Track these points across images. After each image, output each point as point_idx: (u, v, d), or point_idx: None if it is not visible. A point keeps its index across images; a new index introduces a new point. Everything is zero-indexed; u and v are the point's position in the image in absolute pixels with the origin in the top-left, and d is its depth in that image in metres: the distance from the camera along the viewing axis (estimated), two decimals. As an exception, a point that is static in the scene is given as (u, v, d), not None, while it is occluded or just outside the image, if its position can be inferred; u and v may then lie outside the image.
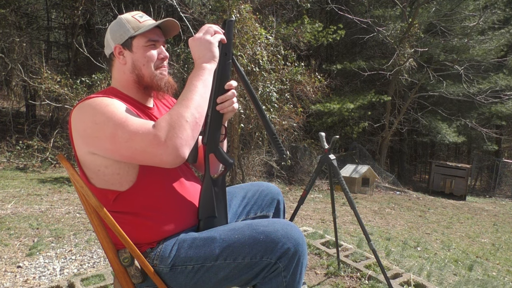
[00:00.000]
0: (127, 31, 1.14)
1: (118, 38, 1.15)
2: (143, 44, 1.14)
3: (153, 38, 1.15)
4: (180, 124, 0.96)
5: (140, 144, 0.96)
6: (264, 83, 6.21)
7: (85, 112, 1.03)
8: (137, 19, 1.15)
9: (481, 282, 2.61)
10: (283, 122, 6.60)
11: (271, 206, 1.43)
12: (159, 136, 0.94)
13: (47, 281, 2.19)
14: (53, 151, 7.06)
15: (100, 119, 1.00)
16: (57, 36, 14.34)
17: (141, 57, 1.14)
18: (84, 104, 1.04)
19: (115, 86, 1.20)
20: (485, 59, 11.56)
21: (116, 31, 1.15)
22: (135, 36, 1.13)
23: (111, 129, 0.98)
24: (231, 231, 1.07)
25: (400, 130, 12.79)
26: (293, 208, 5.27)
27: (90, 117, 1.01)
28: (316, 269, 2.39)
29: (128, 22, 1.15)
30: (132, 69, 1.16)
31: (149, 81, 1.16)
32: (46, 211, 3.85)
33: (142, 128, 0.97)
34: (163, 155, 0.95)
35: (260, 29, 6.07)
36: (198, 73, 1.07)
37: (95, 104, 1.02)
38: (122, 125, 0.98)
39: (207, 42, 1.09)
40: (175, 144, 0.95)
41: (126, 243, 1.04)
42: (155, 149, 0.94)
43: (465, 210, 7.84)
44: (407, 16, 10.67)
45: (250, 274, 1.04)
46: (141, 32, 1.13)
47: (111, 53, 1.17)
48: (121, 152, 0.99)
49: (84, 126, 1.02)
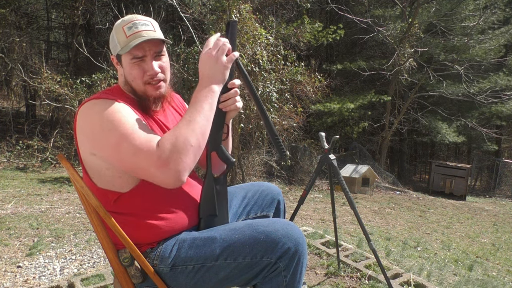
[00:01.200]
0: (116, 47, 1.12)
1: (112, 49, 1.15)
2: (128, 62, 1.10)
3: (137, 55, 1.09)
4: (185, 148, 0.96)
5: (144, 162, 0.96)
6: (264, 83, 6.21)
7: (93, 114, 1.02)
8: (125, 32, 1.09)
9: (481, 282, 2.61)
10: (283, 122, 6.60)
11: (272, 206, 1.43)
12: (163, 159, 0.94)
13: (47, 281, 2.19)
14: (53, 151, 7.06)
15: (107, 126, 0.99)
16: (57, 36, 14.34)
17: (128, 73, 1.12)
18: (93, 104, 1.03)
19: (122, 88, 1.19)
20: (485, 59, 11.57)
21: (111, 42, 1.15)
22: (121, 53, 1.10)
23: (117, 139, 0.98)
24: (232, 231, 1.07)
25: (400, 130, 12.80)
26: (293, 208, 5.27)
27: (97, 120, 1.01)
28: (316, 269, 2.39)
29: (117, 34, 1.11)
30: (125, 82, 1.15)
31: (142, 94, 1.14)
32: (46, 211, 3.85)
33: (147, 145, 0.96)
34: (164, 177, 0.95)
35: (260, 29, 6.07)
36: (207, 94, 1.06)
37: (104, 108, 1.01)
38: (128, 138, 0.97)
39: (222, 65, 1.09)
40: (177, 168, 0.95)
41: (126, 243, 1.04)
42: (157, 170, 0.95)
43: (465, 210, 7.84)
44: (407, 16, 10.67)
45: (251, 274, 1.04)
46: (124, 52, 1.08)
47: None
48: (123, 163, 1.00)
49: (90, 127, 1.02)
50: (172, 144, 0.95)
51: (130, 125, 1.00)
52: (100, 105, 1.03)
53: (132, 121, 1.01)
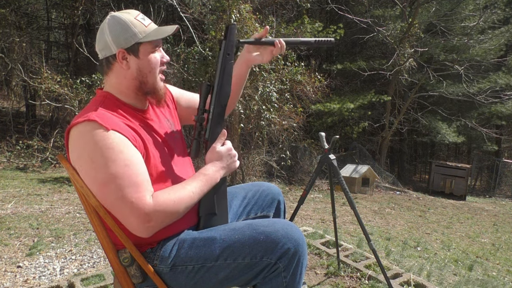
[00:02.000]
0: (134, 36, 1.06)
1: (122, 42, 1.06)
2: (150, 51, 1.09)
3: (159, 44, 1.11)
4: (172, 216, 1.02)
5: (126, 210, 0.96)
6: (264, 83, 6.21)
7: (84, 142, 0.98)
8: (142, 23, 1.08)
9: (481, 282, 2.61)
10: (283, 122, 6.60)
11: (272, 206, 1.43)
12: (149, 216, 0.96)
13: (47, 281, 2.19)
14: (53, 151, 7.06)
15: (98, 160, 0.96)
16: (57, 36, 14.33)
17: (147, 63, 1.09)
18: (85, 129, 0.98)
19: (111, 92, 1.12)
20: (485, 58, 11.57)
21: (120, 34, 1.06)
22: (142, 42, 1.07)
23: (105, 177, 0.96)
24: (232, 231, 1.07)
25: (400, 130, 12.79)
26: (293, 208, 5.27)
27: (87, 151, 0.97)
28: (316, 269, 2.39)
29: (134, 25, 1.06)
30: (136, 75, 1.10)
31: (151, 87, 1.12)
32: (46, 211, 3.85)
33: (136, 196, 0.96)
34: (139, 229, 0.97)
35: (260, 29, 6.07)
36: (211, 182, 1.12)
37: (98, 139, 0.96)
38: (117, 180, 0.95)
39: (232, 169, 1.18)
40: (156, 227, 0.99)
41: (126, 243, 1.04)
42: (137, 222, 0.96)
43: (465, 210, 7.84)
44: (407, 16, 10.67)
45: (250, 274, 1.04)
46: (150, 40, 1.07)
47: (111, 56, 1.08)
48: (104, 201, 1.00)
49: (78, 154, 1.00)
50: (165, 208, 0.99)
51: (121, 166, 0.96)
52: (94, 134, 0.97)
53: (124, 162, 0.97)
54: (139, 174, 0.99)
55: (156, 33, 1.09)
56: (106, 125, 0.98)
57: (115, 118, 1.03)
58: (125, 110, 1.10)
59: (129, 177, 0.96)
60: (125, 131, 1.01)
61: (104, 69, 1.12)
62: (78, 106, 6.64)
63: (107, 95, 1.11)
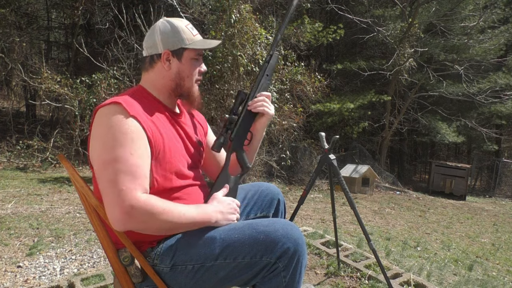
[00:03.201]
0: (181, 41, 1.15)
1: (170, 44, 1.15)
2: (192, 57, 1.18)
3: (201, 53, 1.21)
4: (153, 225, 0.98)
5: (113, 197, 0.95)
6: (264, 83, 6.19)
7: (103, 122, 1.03)
8: (191, 32, 1.18)
9: (481, 282, 2.62)
10: (283, 122, 6.60)
11: (271, 206, 1.43)
12: (133, 213, 0.94)
13: (47, 281, 2.19)
14: (53, 151, 7.06)
15: (108, 141, 1.00)
16: (57, 36, 14.34)
17: (187, 69, 1.18)
18: (109, 111, 1.04)
19: (146, 87, 1.20)
20: (484, 58, 11.56)
21: (169, 37, 1.15)
22: (187, 48, 1.16)
23: (108, 158, 0.98)
24: (231, 230, 1.07)
25: (400, 130, 12.78)
26: (293, 208, 5.27)
27: (104, 131, 1.02)
28: (316, 269, 2.39)
29: (183, 32, 1.16)
30: (174, 77, 1.18)
31: (186, 91, 1.21)
32: (46, 211, 3.85)
33: (128, 187, 0.95)
34: (116, 221, 0.95)
35: (260, 29, 6.08)
36: (205, 217, 1.08)
37: (115, 122, 1.01)
38: (117, 164, 0.97)
39: (228, 220, 1.14)
40: (133, 227, 0.97)
41: (127, 243, 1.04)
42: (119, 213, 0.94)
43: (465, 210, 7.84)
44: (407, 16, 10.66)
45: (250, 274, 1.04)
46: (195, 47, 1.16)
47: (156, 55, 1.16)
48: (99, 181, 1.00)
49: (96, 132, 1.04)
50: (151, 210, 0.96)
51: (126, 153, 0.98)
52: (114, 115, 1.02)
53: (130, 150, 0.99)
54: (140, 168, 1.00)
55: (202, 43, 1.19)
56: (129, 110, 1.03)
57: (139, 107, 1.08)
58: (153, 104, 1.17)
59: (129, 166, 0.98)
60: (144, 121, 1.06)
61: (146, 65, 1.20)
62: (78, 106, 6.65)
63: (140, 88, 1.20)
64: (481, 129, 12.37)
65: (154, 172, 1.07)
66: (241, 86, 6.06)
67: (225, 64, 5.84)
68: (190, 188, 1.19)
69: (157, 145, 1.07)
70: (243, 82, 6.07)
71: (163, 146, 1.09)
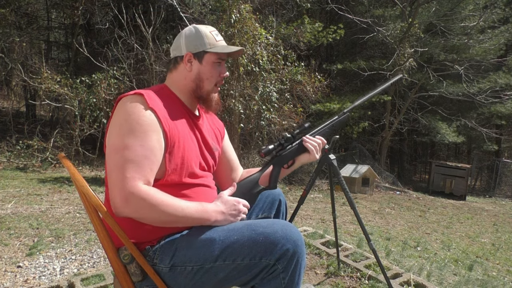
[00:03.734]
0: (203, 44, 1.21)
1: (192, 47, 1.21)
2: (213, 61, 1.22)
3: (222, 57, 1.24)
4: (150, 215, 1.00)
5: (117, 183, 0.99)
6: (264, 83, 6.21)
7: (123, 110, 1.08)
8: (214, 37, 1.23)
9: (481, 282, 2.62)
10: (283, 122, 6.60)
11: (273, 207, 1.43)
12: (130, 199, 0.97)
13: (47, 281, 2.19)
14: (53, 151, 7.06)
15: (123, 128, 1.05)
16: (57, 36, 14.34)
17: (207, 71, 1.22)
18: (130, 100, 1.09)
19: (170, 86, 1.25)
20: (484, 58, 11.56)
21: (192, 40, 1.21)
22: (208, 51, 1.21)
23: (118, 144, 1.03)
24: (230, 232, 1.07)
25: (400, 130, 12.79)
26: (293, 208, 5.26)
27: (122, 118, 1.07)
28: (316, 269, 2.39)
29: (206, 36, 1.21)
30: (194, 78, 1.23)
31: (205, 94, 1.24)
32: (46, 211, 3.85)
33: (132, 175, 0.99)
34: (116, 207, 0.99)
35: (260, 29, 6.08)
36: (204, 215, 1.08)
37: (134, 111, 1.06)
38: (126, 152, 1.02)
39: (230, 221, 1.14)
40: (130, 214, 1.00)
41: (126, 243, 1.04)
42: (117, 197, 0.98)
43: (465, 210, 7.84)
44: (407, 16, 10.66)
45: (249, 275, 1.04)
46: (215, 51, 1.21)
47: (179, 57, 1.23)
48: (107, 164, 1.05)
49: (115, 119, 1.09)
50: (149, 200, 0.98)
51: (137, 142, 1.03)
52: (134, 104, 1.07)
53: (141, 141, 1.03)
54: (147, 159, 1.03)
55: (223, 48, 1.23)
56: (149, 102, 1.09)
57: (160, 102, 1.13)
58: (175, 103, 1.21)
59: (137, 156, 1.02)
60: (162, 115, 1.10)
61: (170, 66, 1.27)
62: (78, 106, 6.65)
63: (164, 87, 1.25)
64: (481, 129, 12.37)
65: (167, 164, 1.10)
66: (241, 86, 6.06)
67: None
68: (199, 188, 1.20)
69: (173, 139, 1.11)
70: (243, 82, 6.07)
71: (178, 142, 1.13)
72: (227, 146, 1.47)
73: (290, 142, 1.42)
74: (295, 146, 1.42)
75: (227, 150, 1.46)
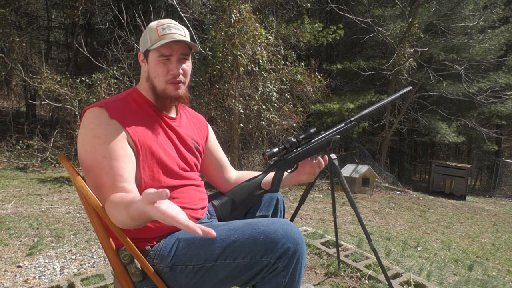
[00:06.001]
0: (146, 43, 1.16)
1: (142, 46, 1.19)
2: (155, 59, 1.15)
3: (164, 53, 1.14)
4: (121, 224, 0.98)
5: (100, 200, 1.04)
6: (264, 83, 6.20)
7: (84, 125, 1.08)
8: (158, 32, 1.14)
9: (481, 282, 2.62)
10: (283, 122, 6.60)
11: (271, 205, 1.43)
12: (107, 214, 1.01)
13: (47, 281, 2.18)
14: (53, 151, 7.06)
15: (86, 145, 1.06)
16: (57, 36, 14.33)
17: (152, 70, 1.17)
18: (91, 114, 1.09)
19: (139, 88, 1.24)
20: (484, 58, 11.56)
21: (142, 39, 1.19)
22: (150, 49, 1.14)
23: (87, 164, 1.06)
24: (231, 230, 1.07)
25: (400, 130, 12.78)
26: (293, 208, 5.27)
27: (83, 134, 1.08)
28: (316, 269, 2.39)
29: (150, 32, 1.15)
30: (147, 78, 1.19)
31: (160, 92, 1.18)
32: (46, 211, 3.85)
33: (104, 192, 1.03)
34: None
35: (260, 29, 6.07)
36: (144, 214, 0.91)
37: (93, 126, 1.06)
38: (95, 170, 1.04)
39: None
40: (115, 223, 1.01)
41: (126, 243, 1.04)
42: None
43: (465, 210, 7.84)
44: (407, 15, 10.66)
45: (250, 274, 1.04)
46: (154, 48, 1.12)
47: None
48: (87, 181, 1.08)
49: (79, 134, 1.10)
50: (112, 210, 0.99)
51: (99, 156, 1.04)
52: (93, 120, 1.07)
53: (103, 153, 1.04)
54: (114, 169, 1.03)
55: (160, 43, 1.12)
56: (110, 113, 1.08)
57: (123, 110, 1.12)
58: (142, 107, 1.19)
59: (102, 173, 1.03)
60: (127, 123, 1.09)
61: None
62: (78, 106, 6.64)
63: (132, 91, 1.23)
64: (481, 129, 12.36)
65: (142, 172, 1.10)
66: (241, 86, 6.06)
67: (225, 64, 5.84)
68: (185, 188, 1.20)
69: (143, 145, 1.10)
70: (243, 82, 6.07)
71: (149, 147, 1.12)
72: (214, 145, 1.45)
73: (295, 147, 1.43)
74: (301, 150, 1.43)
75: (215, 149, 1.45)
